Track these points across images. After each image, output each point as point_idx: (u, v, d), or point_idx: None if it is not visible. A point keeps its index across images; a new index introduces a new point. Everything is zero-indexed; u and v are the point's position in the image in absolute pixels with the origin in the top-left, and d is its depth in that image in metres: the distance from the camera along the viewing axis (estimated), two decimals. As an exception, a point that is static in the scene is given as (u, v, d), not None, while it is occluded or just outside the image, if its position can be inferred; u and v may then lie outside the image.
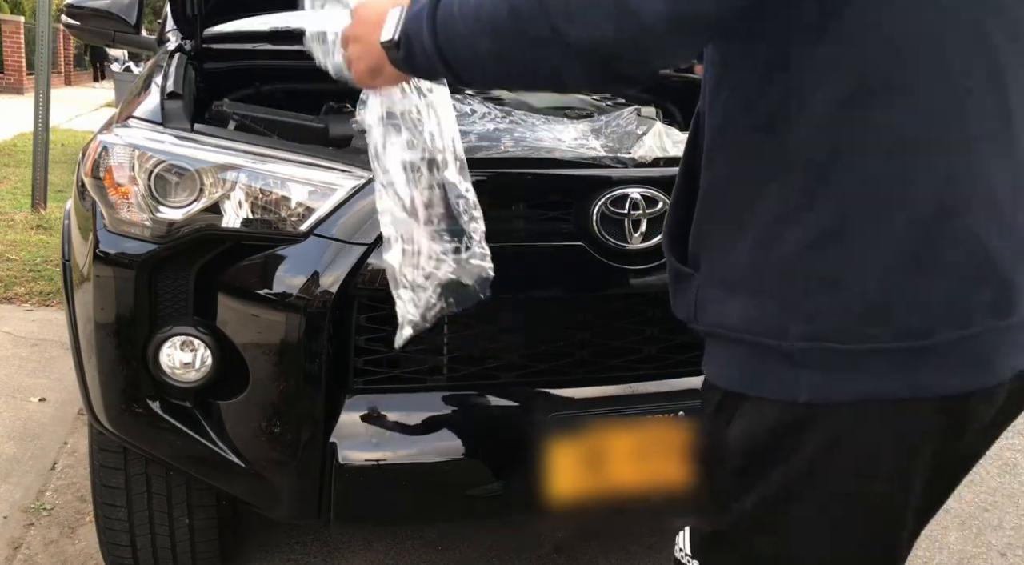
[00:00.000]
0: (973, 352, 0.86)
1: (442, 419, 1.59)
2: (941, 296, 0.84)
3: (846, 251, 0.84)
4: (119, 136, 1.51)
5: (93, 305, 1.52)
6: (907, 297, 0.84)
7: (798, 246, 0.86)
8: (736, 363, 0.93)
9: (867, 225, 0.83)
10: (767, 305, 0.88)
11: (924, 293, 0.84)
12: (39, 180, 5.69)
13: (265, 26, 2.47)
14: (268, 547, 2.20)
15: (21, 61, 17.39)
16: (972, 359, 0.87)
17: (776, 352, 0.88)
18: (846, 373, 0.86)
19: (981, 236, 0.84)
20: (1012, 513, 2.64)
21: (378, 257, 1.48)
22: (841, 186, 0.84)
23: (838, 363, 0.86)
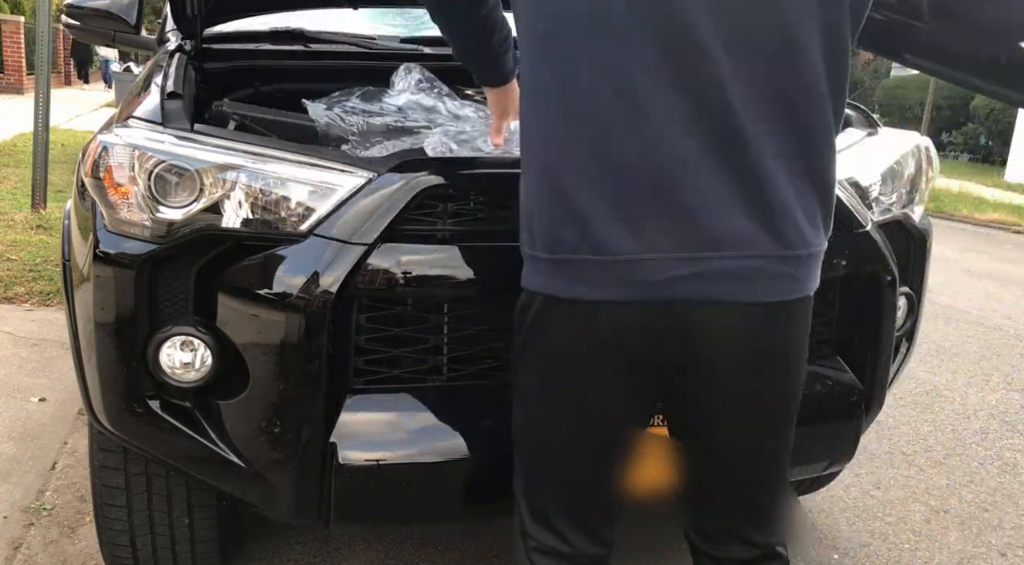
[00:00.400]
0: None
1: (442, 419, 1.59)
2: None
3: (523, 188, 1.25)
4: (119, 136, 1.51)
5: (93, 305, 1.52)
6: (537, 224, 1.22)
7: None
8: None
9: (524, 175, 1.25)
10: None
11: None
12: (39, 180, 5.69)
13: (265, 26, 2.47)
14: (268, 547, 2.20)
15: (21, 61, 17.39)
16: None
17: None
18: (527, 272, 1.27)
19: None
20: (1012, 513, 2.64)
21: (378, 257, 1.49)
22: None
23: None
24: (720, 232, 1.14)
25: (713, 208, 1.14)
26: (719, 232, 1.14)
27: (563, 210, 1.16)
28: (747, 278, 1.17)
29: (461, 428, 1.60)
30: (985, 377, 3.92)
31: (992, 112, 15.14)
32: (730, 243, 1.15)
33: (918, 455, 3.02)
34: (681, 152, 1.12)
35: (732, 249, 1.15)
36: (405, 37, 2.46)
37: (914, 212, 1.98)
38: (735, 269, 1.16)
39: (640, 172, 1.13)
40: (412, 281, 1.51)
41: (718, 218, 1.14)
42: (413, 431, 1.58)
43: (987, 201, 10.25)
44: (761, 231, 1.16)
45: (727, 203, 1.14)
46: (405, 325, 1.58)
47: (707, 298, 1.17)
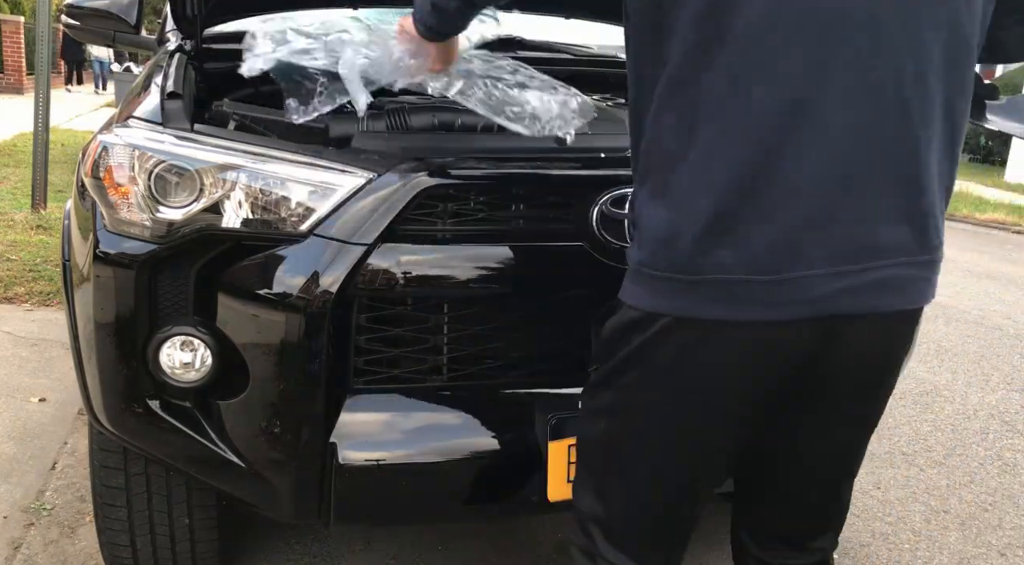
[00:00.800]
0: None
1: (442, 419, 1.59)
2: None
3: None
4: (119, 136, 1.51)
5: (93, 305, 1.52)
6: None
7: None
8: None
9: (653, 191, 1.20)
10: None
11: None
12: (39, 180, 5.69)
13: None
14: (268, 547, 2.20)
15: (21, 61, 17.38)
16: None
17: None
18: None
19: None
20: (1012, 513, 2.64)
21: (378, 257, 1.49)
22: None
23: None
24: (877, 240, 1.11)
25: (873, 218, 1.11)
26: (876, 240, 1.11)
27: (713, 226, 1.09)
28: (899, 286, 1.15)
29: (461, 428, 1.60)
30: (985, 377, 3.92)
31: (992, 112, 15.11)
32: (885, 251, 1.12)
33: (918, 455, 3.02)
34: (854, 165, 1.08)
35: (887, 257, 1.12)
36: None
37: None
38: (889, 278, 1.13)
39: (808, 189, 1.07)
40: (412, 281, 1.51)
41: (875, 226, 1.11)
42: (413, 431, 1.58)
43: (987, 201, 10.25)
44: (911, 235, 1.14)
45: (887, 210, 1.11)
46: (405, 325, 1.58)
47: (862, 311, 1.14)
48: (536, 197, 1.60)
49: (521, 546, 2.30)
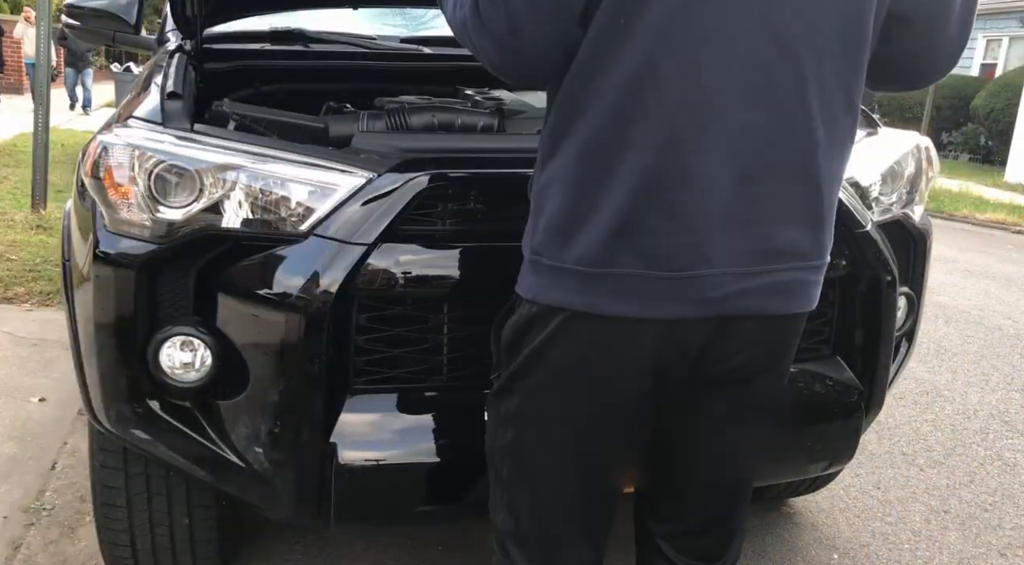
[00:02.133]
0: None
1: (442, 419, 1.59)
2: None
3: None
4: (119, 136, 1.51)
5: (93, 305, 1.52)
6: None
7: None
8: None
9: (558, 183, 1.16)
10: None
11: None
12: (39, 180, 5.69)
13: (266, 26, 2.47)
14: (268, 547, 2.20)
15: (21, 61, 17.38)
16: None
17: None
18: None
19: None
20: (1012, 513, 2.64)
21: (378, 257, 1.49)
22: None
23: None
24: (778, 242, 1.12)
25: (775, 220, 1.11)
26: (777, 243, 1.12)
27: (619, 222, 1.08)
28: (792, 290, 1.16)
29: (460, 428, 1.60)
30: (985, 377, 3.92)
31: (992, 112, 15.13)
32: (784, 254, 1.13)
33: (918, 455, 3.02)
34: (757, 167, 1.08)
35: (785, 261, 1.13)
36: (405, 37, 2.46)
37: (914, 212, 1.98)
38: (785, 282, 1.14)
39: (716, 185, 1.07)
40: (412, 281, 1.51)
41: (776, 228, 1.11)
42: (413, 431, 1.58)
43: (987, 201, 10.24)
44: (808, 239, 1.14)
45: (788, 213, 1.12)
46: (405, 325, 1.58)
47: (755, 313, 1.15)
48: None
49: (521, 546, 2.29)
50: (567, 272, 1.12)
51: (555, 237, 1.13)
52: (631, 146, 1.06)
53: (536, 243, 1.16)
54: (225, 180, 1.47)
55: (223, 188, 1.47)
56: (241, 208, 1.48)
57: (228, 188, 1.47)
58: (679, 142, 1.05)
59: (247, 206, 1.48)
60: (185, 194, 1.47)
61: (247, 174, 1.48)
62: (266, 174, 1.49)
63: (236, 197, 1.47)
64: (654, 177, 1.06)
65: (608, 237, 1.09)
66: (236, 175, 1.47)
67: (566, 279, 1.13)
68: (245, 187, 1.47)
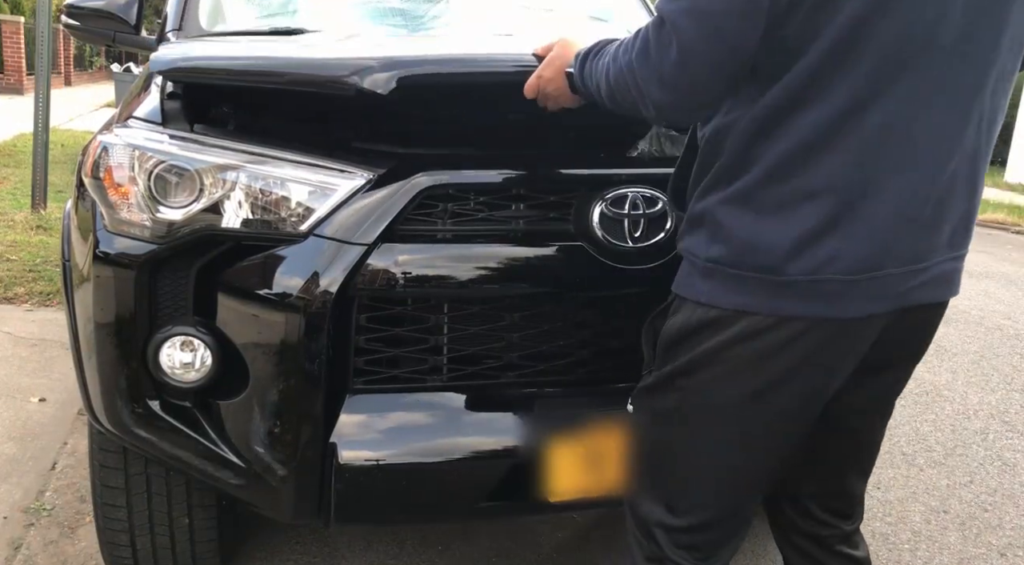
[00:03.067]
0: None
1: (442, 419, 1.59)
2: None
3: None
4: (119, 136, 1.51)
5: (93, 305, 1.52)
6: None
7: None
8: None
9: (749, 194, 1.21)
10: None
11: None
12: (39, 180, 5.69)
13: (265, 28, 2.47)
14: (268, 547, 2.20)
15: (21, 61, 17.38)
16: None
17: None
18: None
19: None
20: (1012, 513, 2.64)
21: (378, 257, 1.49)
22: None
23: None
24: (946, 238, 1.20)
25: (945, 220, 1.19)
26: (945, 239, 1.20)
27: (814, 231, 1.13)
28: (949, 278, 1.25)
29: (461, 428, 1.60)
30: (985, 377, 3.92)
31: (992, 112, 15.11)
32: (947, 247, 1.22)
33: (918, 455, 3.02)
34: (938, 177, 1.15)
35: (944, 253, 1.22)
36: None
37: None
38: (946, 272, 1.23)
39: (902, 199, 1.14)
40: (412, 281, 1.51)
41: (945, 227, 1.19)
42: (413, 431, 1.58)
43: (987, 201, 10.23)
44: (960, 232, 1.23)
45: (954, 213, 1.20)
46: (405, 325, 1.58)
47: (925, 302, 1.24)
48: (536, 197, 1.60)
49: (521, 546, 2.30)
50: (752, 280, 1.17)
51: (739, 248, 1.18)
52: (827, 169, 1.12)
53: (716, 254, 1.20)
54: (225, 180, 1.47)
55: (223, 188, 1.47)
56: (241, 208, 1.48)
57: (228, 188, 1.47)
58: (876, 161, 1.12)
59: (247, 206, 1.48)
60: (185, 194, 1.47)
61: (247, 174, 1.48)
62: (266, 174, 1.49)
63: (236, 197, 1.47)
64: (848, 194, 1.12)
65: (798, 247, 1.14)
66: (236, 175, 1.47)
67: (751, 286, 1.18)
68: (245, 187, 1.47)
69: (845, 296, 1.15)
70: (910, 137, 1.12)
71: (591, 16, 2.88)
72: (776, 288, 1.16)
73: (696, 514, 1.32)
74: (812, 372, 1.22)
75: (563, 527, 2.40)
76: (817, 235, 1.13)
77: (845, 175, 1.12)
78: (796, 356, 1.19)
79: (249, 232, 1.49)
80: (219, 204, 1.47)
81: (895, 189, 1.13)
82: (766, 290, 1.17)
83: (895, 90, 1.09)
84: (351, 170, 1.51)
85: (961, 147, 1.16)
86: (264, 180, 1.48)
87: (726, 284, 1.20)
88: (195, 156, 1.48)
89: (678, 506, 1.33)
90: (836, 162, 1.12)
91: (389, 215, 1.48)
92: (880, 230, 1.14)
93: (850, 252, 1.14)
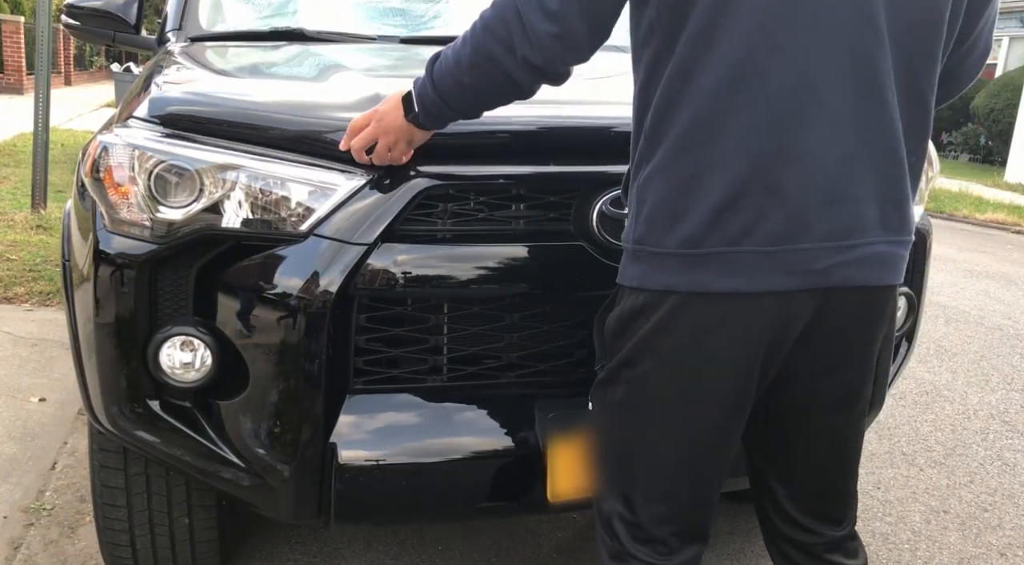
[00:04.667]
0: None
1: (442, 419, 1.59)
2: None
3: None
4: (119, 136, 1.51)
5: (93, 305, 1.52)
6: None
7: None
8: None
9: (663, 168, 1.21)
10: None
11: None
12: (39, 180, 5.69)
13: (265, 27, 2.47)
14: (268, 547, 2.20)
15: (21, 61, 17.38)
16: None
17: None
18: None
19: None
20: (1012, 513, 2.64)
21: (378, 257, 1.49)
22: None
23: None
24: (868, 217, 1.18)
25: (867, 197, 1.17)
26: (867, 218, 1.18)
27: (722, 204, 1.13)
28: (884, 262, 1.22)
29: (461, 428, 1.60)
30: (985, 377, 3.92)
31: (992, 112, 15.12)
32: (878, 229, 1.19)
33: (918, 455, 3.02)
34: (852, 144, 1.14)
35: (880, 234, 1.19)
36: (405, 37, 2.45)
37: (914, 212, 1.98)
38: (878, 254, 1.20)
39: (818, 163, 1.13)
40: (412, 281, 1.51)
41: (868, 204, 1.17)
42: (413, 431, 1.58)
43: (987, 201, 10.24)
44: (894, 215, 1.21)
45: (877, 190, 1.18)
46: (405, 325, 1.58)
47: (859, 283, 1.20)
48: (536, 197, 1.60)
49: (521, 546, 2.30)
50: (672, 256, 1.17)
51: (659, 225, 1.18)
52: (734, 132, 1.12)
53: (639, 234, 1.21)
54: (225, 180, 1.47)
55: (223, 188, 1.47)
56: (241, 208, 1.48)
57: (228, 188, 1.47)
58: (783, 125, 1.11)
59: (247, 206, 1.48)
60: (185, 194, 1.47)
61: (247, 174, 1.48)
62: (266, 174, 1.49)
63: (236, 197, 1.47)
64: (758, 158, 1.12)
65: (712, 219, 1.14)
66: (236, 175, 1.47)
67: (671, 263, 1.17)
68: (245, 187, 1.47)
69: (761, 268, 1.14)
70: (809, 103, 1.11)
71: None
72: (695, 262, 1.15)
73: (651, 507, 1.31)
74: (740, 351, 1.20)
75: (563, 527, 2.40)
76: (729, 204, 1.13)
77: (749, 140, 1.11)
78: (722, 335, 1.18)
79: (249, 232, 1.49)
80: (219, 204, 1.47)
81: (802, 155, 1.12)
82: (686, 266, 1.16)
83: (790, 48, 1.09)
84: (351, 170, 1.51)
85: (872, 119, 1.14)
86: (264, 180, 1.48)
87: (650, 263, 1.20)
88: (195, 156, 1.48)
89: (634, 499, 1.32)
90: (740, 127, 1.11)
91: (389, 215, 1.48)
92: (792, 199, 1.13)
93: (764, 222, 1.13)
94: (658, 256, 1.19)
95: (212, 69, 2.02)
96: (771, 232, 1.13)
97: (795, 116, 1.11)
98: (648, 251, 1.20)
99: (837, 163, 1.14)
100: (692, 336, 1.19)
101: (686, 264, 1.16)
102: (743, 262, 1.14)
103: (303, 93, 1.81)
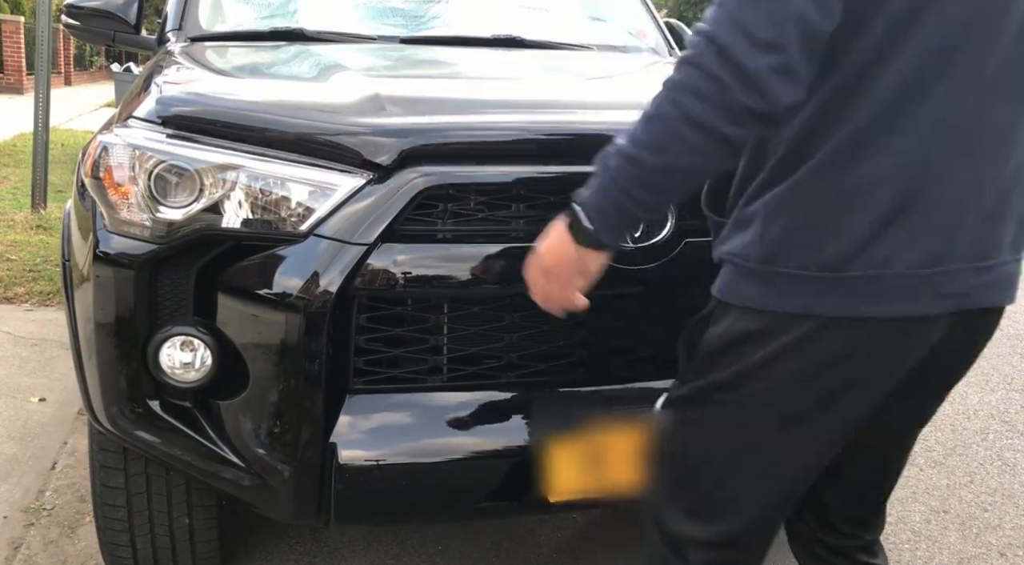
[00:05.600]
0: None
1: (442, 419, 1.59)
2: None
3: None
4: (119, 136, 1.51)
5: (93, 305, 1.52)
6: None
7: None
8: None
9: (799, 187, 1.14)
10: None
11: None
12: (39, 180, 5.69)
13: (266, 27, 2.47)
14: (268, 547, 2.20)
15: (21, 61, 17.37)
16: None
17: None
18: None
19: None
20: (1012, 513, 2.64)
21: (378, 257, 1.49)
22: None
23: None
24: (1004, 238, 1.15)
25: (1004, 217, 1.14)
26: (1003, 238, 1.14)
27: (879, 222, 1.07)
28: (1011, 282, 1.18)
29: (461, 428, 1.60)
30: (985, 377, 3.92)
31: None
32: (1007, 248, 1.16)
33: (918, 455, 3.02)
34: (1003, 167, 1.11)
35: (1006, 254, 1.16)
36: (405, 37, 2.46)
37: None
38: (1009, 274, 1.17)
39: (970, 190, 1.09)
40: (412, 281, 1.51)
41: (1005, 224, 1.14)
42: (413, 431, 1.58)
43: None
44: (1018, 234, 1.17)
45: (1012, 209, 1.14)
46: (405, 325, 1.58)
47: (988, 305, 1.17)
48: (536, 197, 1.60)
49: (521, 546, 2.30)
50: (812, 279, 1.09)
51: (795, 245, 1.10)
52: (892, 153, 1.06)
53: (768, 253, 1.12)
54: (225, 180, 1.47)
55: (223, 188, 1.47)
56: (241, 208, 1.48)
57: (228, 188, 1.47)
58: (946, 147, 1.07)
59: (247, 206, 1.48)
60: (185, 194, 1.47)
61: (247, 174, 1.48)
62: (266, 174, 1.49)
63: (236, 197, 1.47)
64: (916, 179, 1.07)
65: (863, 240, 1.07)
66: (236, 175, 1.47)
67: (810, 286, 1.10)
68: (245, 187, 1.47)
69: (913, 292, 1.08)
70: (974, 122, 1.06)
71: (591, 16, 2.88)
72: (835, 286, 1.08)
73: (724, 526, 1.25)
74: (868, 383, 1.14)
75: (563, 527, 2.40)
76: (881, 227, 1.06)
77: (909, 160, 1.06)
78: (854, 365, 1.11)
79: (249, 232, 1.49)
80: (219, 204, 1.47)
81: (960, 176, 1.07)
82: (824, 290, 1.08)
83: (958, 72, 1.04)
84: (351, 170, 1.51)
85: (1022, 140, 1.11)
86: (264, 180, 1.48)
87: (780, 285, 1.11)
88: (195, 156, 1.48)
89: (706, 518, 1.25)
90: (899, 147, 1.06)
91: (389, 215, 1.48)
92: (946, 220, 1.08)
93: (916, 244, 1.07)
94: (792, 278, 1.10)
95: (212, 69, 2.03)
96: (923, 254, 1.08)
97: (953, 138, 1.06)
98: (778, 272, 1.11)
99: (992, 184, 1.10)
100: (826, 363, 1.12)
101: (825, 288, 1.09)
102: (897, 286, 1.08)
103: (303, 93, 1.82)
